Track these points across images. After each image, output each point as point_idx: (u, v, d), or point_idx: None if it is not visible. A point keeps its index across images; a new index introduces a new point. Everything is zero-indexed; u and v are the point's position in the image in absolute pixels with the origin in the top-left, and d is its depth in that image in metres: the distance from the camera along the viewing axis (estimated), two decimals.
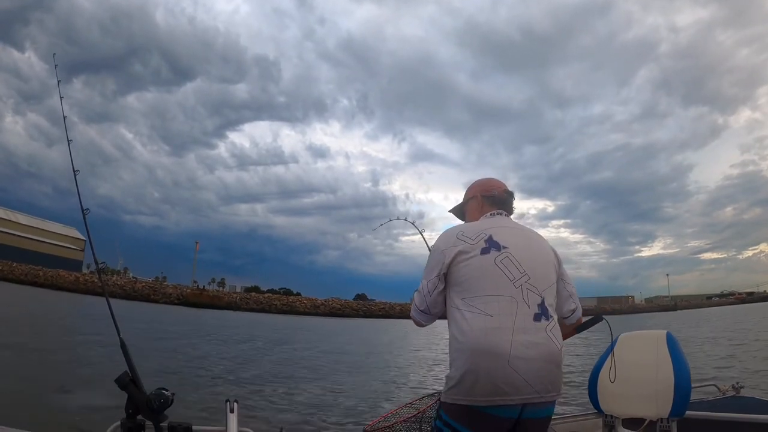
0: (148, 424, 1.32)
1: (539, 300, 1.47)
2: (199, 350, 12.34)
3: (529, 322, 1.42)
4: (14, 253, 62.48)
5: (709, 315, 44.88)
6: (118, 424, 1.39)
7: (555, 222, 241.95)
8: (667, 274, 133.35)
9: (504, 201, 1.73)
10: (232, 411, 1.57)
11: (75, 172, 1.66)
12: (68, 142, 1.74)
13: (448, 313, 1.54)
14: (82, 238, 76.03)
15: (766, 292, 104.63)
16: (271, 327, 27.27)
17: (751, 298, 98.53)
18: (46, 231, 79.70)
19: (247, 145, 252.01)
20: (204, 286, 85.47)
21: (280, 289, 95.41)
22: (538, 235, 1.65)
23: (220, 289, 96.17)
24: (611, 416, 2.23)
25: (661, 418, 1.99)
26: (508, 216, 1.71)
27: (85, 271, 69.15)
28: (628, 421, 2.18)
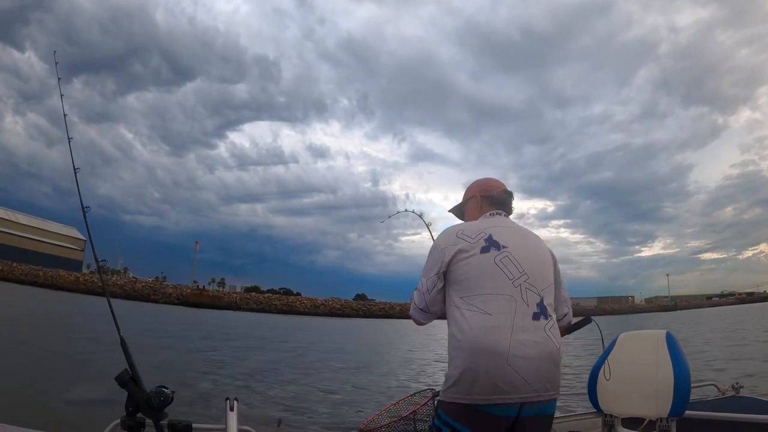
0: (148, 422, 1.32)
1: (538, 299, 1.47)
2: (199, 349, 12.35)
3: (528, 321, 1.42)
4: (14, 253, 62.47)
5: (709, 315, 44.88)
6: (118, 422, 1.39)
7: (555, 222, 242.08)
8: (667, 274, 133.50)
9: (503, 201, 1.74)
10: (232, 409, 1.57)
11: (75, 170, 1.66)
12: (69, 139, 1.74)
13: (447, 311, 1.55)
14: (82, 238, 76.08)
15: (766, 292, 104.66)
16: (271, 327, 27.28)
17: (751, 298, 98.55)
18: (46, 231, 79.71)
19: (247, 145, 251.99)
20: (204, 286, 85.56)
21: (280, 289, 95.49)
22: (536, 236, 1.67)
23: (220, 289, 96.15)
24: (611, 416, 2.24)
25: (661, 418, 1.99)
26: (508, 216, 1.72)
27: (85, 271, 69.18)
28: (628, 421, 2.18)
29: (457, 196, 1.93)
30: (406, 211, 2.51)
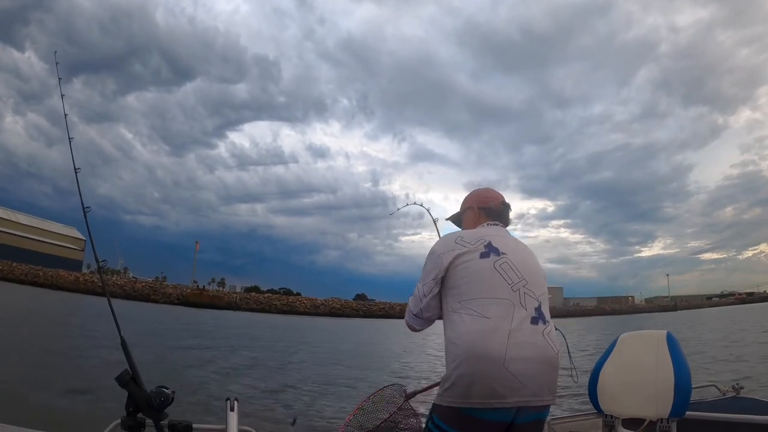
0: (149, 422, 1.32)
1: (536, 304, 1.48)
2: (200, 349, 12.34)
3: (526, 325, 1.43)
4: (14, 253, 62.49)
5: (709, 315, 44.87)
6: (118, 422, 1.39)
7: (555, 222, 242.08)
8: (667, 275, 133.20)
9: (500, 213, 1.76)
10: (232, 409, 1.58)
11: (76, 170, 1.66)
12: (69, 139, 1.74)
13: (444, 316, 1.55)
14: (82, 238, 76.15)
15: (766, 292, 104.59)
16: (270, 327, 27.28)
17: (751, 298, 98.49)
18: (46, 231, 79.76)
19: (247, 145, 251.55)
20: (204, 286, 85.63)
21: (280, 289, 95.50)
22: (531, 250, 1.70)
23: (220, 289, 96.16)
24: (611, 416, 2.23)
25: (661, 419, 1.99)
26: (505, 227, 1.74)
27: (85, 271, 69.22)
28: (628, 422, 2.17)
29: (458, 196, 1.95)
30: (414, 203, 2.54)
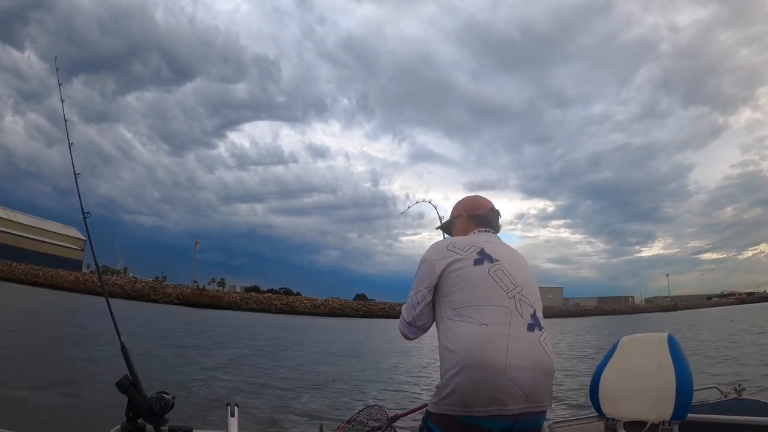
0: (149, 427, 1.33)
1: (531, 311, 1.48)
2: (200, 353, 12.31)
3: (523, 332, 1.42)
4: (14, 253, 62.52)
5: (709, 315, 44.84)
6: (118, 427, 1.39)
7: (555, 222, 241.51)
8: (667, 275, 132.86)
9: (489, 220, 1.76)
10: (232, 415, 1.57)
11: (76, 176, 1.66)
12: (69, 145, 1.73)
13: (437, 324, 1.54)
14: (82, 238, 76.10)
15: (766, 292, 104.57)
16: (270, 327, 27.27)
17: (751, 298, 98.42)
18: (46, 231, 79.81)
19: (247, 145, 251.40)
20: (204, 286, 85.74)
21: (280, 289, 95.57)
22: (523, 257, 1.70)
23: (220, 289, 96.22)
24: (613, 419, 2.22)
25: (663, 421, 1.98)
26: (496, 234, 1.74)
27: (85, 270, 69.22)
28: (630, 425, 2.17)
29: (457, 196, 1.96)
30: (423, 201, 2.55)
